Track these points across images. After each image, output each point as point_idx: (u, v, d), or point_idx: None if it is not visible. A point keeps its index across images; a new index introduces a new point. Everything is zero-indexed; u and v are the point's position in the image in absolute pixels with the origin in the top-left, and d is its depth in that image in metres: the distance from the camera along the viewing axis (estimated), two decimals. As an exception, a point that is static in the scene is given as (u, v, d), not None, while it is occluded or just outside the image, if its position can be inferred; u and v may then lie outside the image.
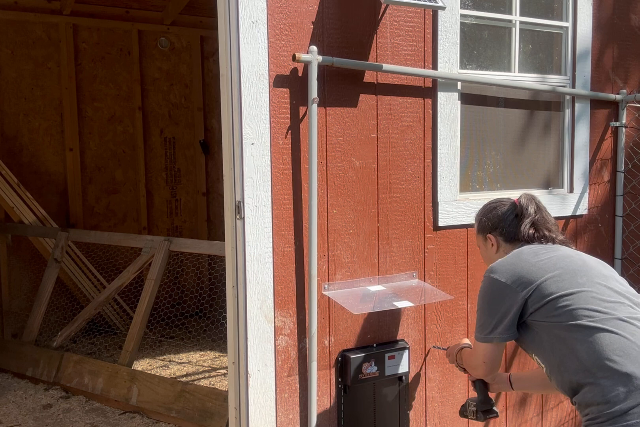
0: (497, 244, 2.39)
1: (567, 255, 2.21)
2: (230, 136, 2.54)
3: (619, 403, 1.88)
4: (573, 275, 2.10)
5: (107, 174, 5.97)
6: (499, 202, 2.44)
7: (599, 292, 2.05)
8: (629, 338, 1.94)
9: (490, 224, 2.40)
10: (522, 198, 2.38)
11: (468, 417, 2.61)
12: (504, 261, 2.21)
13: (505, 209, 2.38)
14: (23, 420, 4.03)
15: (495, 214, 2.39)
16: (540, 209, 2.37)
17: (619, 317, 1.99)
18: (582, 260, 2.20)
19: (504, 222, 2.36)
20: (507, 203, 2.41)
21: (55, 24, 5.60)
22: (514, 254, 2.23)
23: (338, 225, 2.77)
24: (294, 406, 2.71)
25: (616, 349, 1.93)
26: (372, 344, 2.88)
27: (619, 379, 1.90)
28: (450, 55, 3.00)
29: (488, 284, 2.19)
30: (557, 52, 3.46)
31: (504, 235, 2.37)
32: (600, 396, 1.91)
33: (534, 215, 2.33)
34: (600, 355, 1.93)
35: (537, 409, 3.43)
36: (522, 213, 2.34)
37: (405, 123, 2.92)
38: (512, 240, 2.35)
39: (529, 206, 2.34)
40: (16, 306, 5.36)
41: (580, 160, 3.50)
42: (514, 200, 2.41)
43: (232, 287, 2.60)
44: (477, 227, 2.48)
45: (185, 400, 3.85)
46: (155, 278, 4.37)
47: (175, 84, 6.25)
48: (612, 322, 1.97)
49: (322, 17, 2.67)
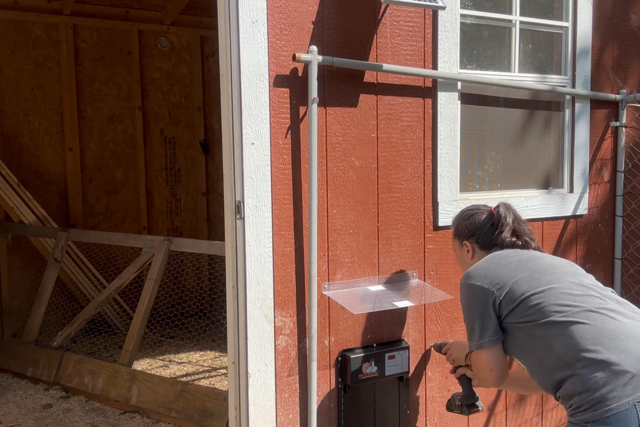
0: (473, 251, 2.45)
1: (534, 256, 2.31)
2: (230, 136, 2.54)
3: (598, 389, 1.94)
4: (542, 273, 2.18)
5: (107, 174, 5.97)
6: (477, 209, 2.49)
7: (568, 287, 2.13)
8: (600, 327, 2.01)
9: (467, 231, 2.45)
10: (501, 207, 2.43)
11: (454, 411, 2.68)
12: (477, 267, 2.28)
13: (483, 218, 2.44)
14: (23, 420, 4.03)
15: (473, 221, 2.45)
16: (517, 218, 2.43)
17: (588, 308, 2.06)
18: (549, 259, 2.31)
19: (481, 230, 2.42)
20: (484, 211, 2.47)
21: (55, 24, 5.60)
22: (486, 259, 2.31)
23: (338, 225, 2.77)
24: (294, 406, 2.71)
25: (589, 339, 1.99)
26: (372, 344, 2.87)
27: (596, 366, 1.96)
28: (450, 55, 3.00)
29: (466, 290, 2.25)
30: (557, 52, 3.46)
31: (479, 242, 2.43)
32: (581, 386, 1.97)
33: (512, 224, 2.39)
34: (575, 347, 2.00)
35: (537, 409, 3.43)
36: (499, 222, 2.39)
37: (405, 123, 2.92)
38: (487, 247, 2.41)
39: (507, 215, 2.40)
40: (16, 306, 5.35)
41: (580, 160, 3.50)
42: (491, 208, 2.46)
43: (232, 287, 2.60)
44: (454, 232, 2.54)
45: (185, 400, 3.85)
46: (155, 278, 4.37)
47: (175, 84, 6.25)
48: (583, 314, 2.04)
49: (322, 17, 2.67)
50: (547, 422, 3.48)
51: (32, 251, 5.38)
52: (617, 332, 2.01)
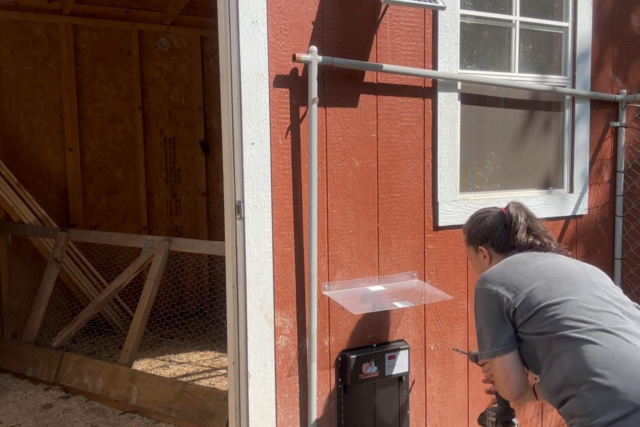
0: (490, 256, 2.34)
1: (555, 262, 2.19)
2: (230, 136, 2.54)
3: (600, 416, 1.84)
4: (559, 283, 2.07)
5: (107, 174, 5.97)
6: (487, 212, 2.40)
7: (586, 300, 2.02)
8: (611, 350, 1.90)
9: (480, 235, 2.35)
10: (511, 207, 2.33)
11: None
12: (493, 271, 2.18)
13: (495, 220, 2.34)
14: (23, 420, 4.03)
15: (485, 225, 2.34)
16: (530, 216, 2.33)
17: (603, 328, 1.95)
18: (570, 267, 2.17)
19: (495, 233, 2.32)
20: (494, 213, 2.37)
21: (55, 24, 5.60)
22: (503, 263, 2.21)
23: (338, 225, 2.77)
24: (294, 406, 2.71)
25: (599, 362, 1.89)
26: (372, 344, 2.87)
27: (601, 392, 1.86)
28: (450, 55, 3.00)
29: (481, 295, 2.15)
30: (557, 52, 3.46)
31: (495, 246, 2.32)
32: (583, 408, 1.88)
33: (525, 223, 2.29)
34: (583, 368, 1.91)
35: (537, 409, 3.43)
36: (512, 222, 2.29)
37: (405, 123, 2.92)
38: (503, 250, 2.31)
39: (519, 215, 2.30)
40: (16, 306, 5.35)
41: (580, 160, 3.50)
42: (502, 209, 2.37)
43: (232, 287, 2.60)
44: (467, 239, 2.42)
45: (185, 400, 3.85)
46: (155, 278, 4.37)
47: (175, 84, 6.25)
48: (596, 333, 1.94)
49: (322, 17, 2.67)
50: (547, 422, 3.48)
51: (32, 251, 5.38)
52: (629, 358, 1.89)
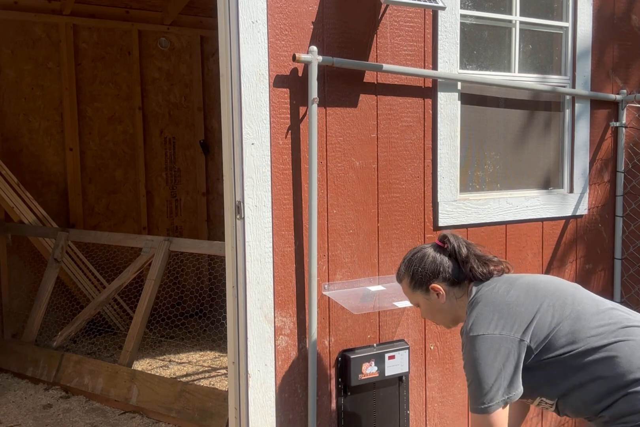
0: (445, 291, 2.16)
1: (533, 282, 2.10)
2: (230, 136, 2.54)
3: None
4: (557, 298, 2.01)
5: (107, 174, 5.97)
6: (422, 248, 2.23)
7: (589, 305, 2.01)
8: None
9: (428, 273, 2.16)
10: (449, 237, 2.19)
11: None
12: (480, 314, 1.99)
13: (435, 254, 2.18)
14: (23, 420, 4.03)
15: (429, 261, 2.17)
16: (468, 243, 2.19)
17: (624, 324, 1.94)
18: (546, 280, 2.14)
19: (443, 266, 2.15)
20: (431, 248, 2.21)
21: (55, 24, 5.60)
22: (485, 303, 2.03)
23: (338, 225, 2.77)
24: (294, 406, 2.71)
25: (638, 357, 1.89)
26: (372, 344, 2.88)
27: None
28: (450, 55, 3.00)
29: (475, 345, 1.94)
30: (557, 52, 3.46)
31: (447, 280, 2.15)
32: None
33: (470, 251, 2.16)
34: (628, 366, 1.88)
35: (537, 409, 3.43)
36: (456, 253, 2.16)
37: (405, 123, 2.92)
38: (457, 282, 2.15)
39: (460, 245, 2.16)
40: (16, 306, 5.35)
41: (580, 160, 3.50)
42: (436, 242, 2.22)
43: (232, 287, 2.60)
44: (411, 284, 2.21)
45: (185, 400, 3.85)
46: (155, 278, 4.38)
47: (175, 84, 6.25)
48: (622, 331, 1.93)
49: (322, 17, 2.67)
50: (547, 422, 3.48)
51: (32, 251, 5.38)
52: None
